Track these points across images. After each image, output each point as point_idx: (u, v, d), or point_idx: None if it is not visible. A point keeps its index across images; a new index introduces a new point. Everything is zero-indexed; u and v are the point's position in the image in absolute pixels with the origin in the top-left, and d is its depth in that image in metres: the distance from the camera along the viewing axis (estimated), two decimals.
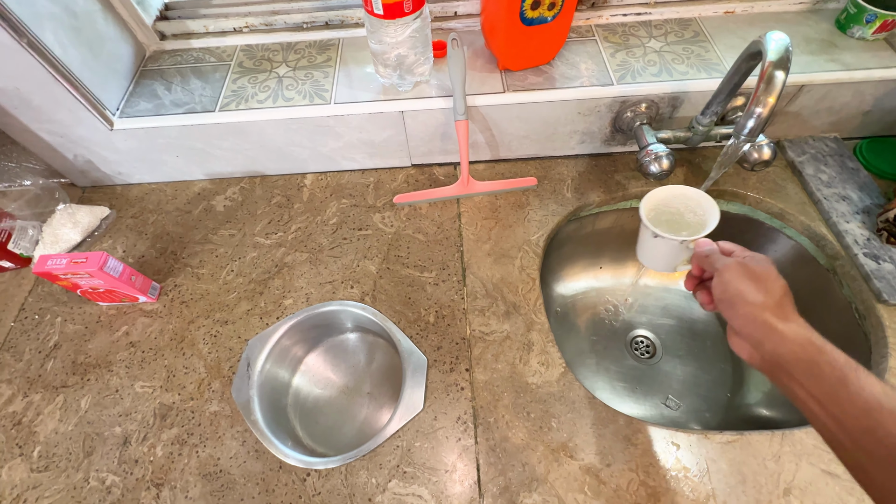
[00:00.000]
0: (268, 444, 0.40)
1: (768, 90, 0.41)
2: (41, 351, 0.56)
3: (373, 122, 0.61)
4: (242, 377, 0.44)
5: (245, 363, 0.45)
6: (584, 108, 0.60)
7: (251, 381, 0.44)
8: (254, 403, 0.43)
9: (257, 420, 0.42)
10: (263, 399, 0.45)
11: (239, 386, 0.44)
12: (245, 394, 0.43)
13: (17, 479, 0.47)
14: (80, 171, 0.68)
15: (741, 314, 0.33)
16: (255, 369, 0.45)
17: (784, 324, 0.31)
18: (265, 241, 0.63)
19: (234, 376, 0.43)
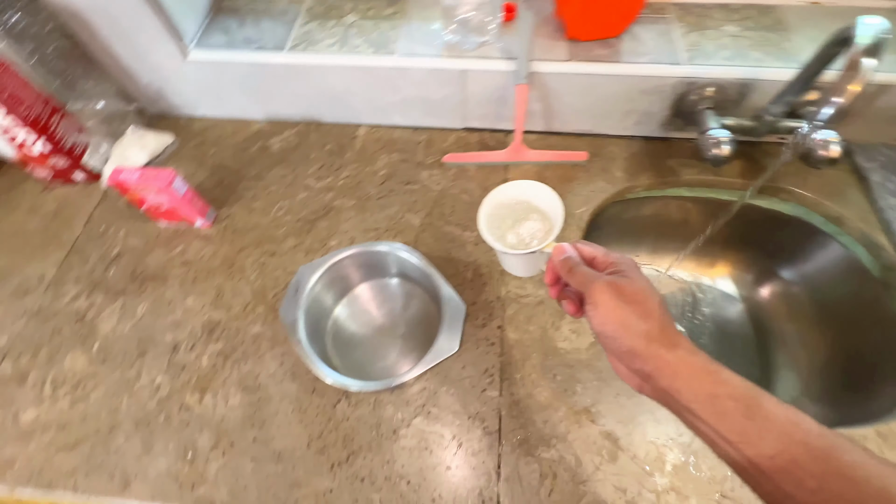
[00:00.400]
0: (309, 362, 0.43)
1: (853, 78, 0.40)
2: (105, 259, 0.60)
3: (433, 78, 0.62)
4: (290, 300, 0.47)
5: (294, 287, 0.47)
6: (647, 87, 0.59)
7: (298, 304, 0.47)
8: (299, 324, 0.45)
9: (301, 340, 0.44)
10: (307, 322, 0.47)
11: (287, 307, 0.46)
12: (292, 315, 0.46)
13: (78, 367, 0.52)
14: (150, 98, 0.71)
15: (625, 349, 0.29)
16: (303, 294, 0.47)
17: (673, 352, 0.28)
18: (315, 184, 0.66)
19: (283, 298, 0.46)
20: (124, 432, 0.48)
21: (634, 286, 0.30)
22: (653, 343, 0.28)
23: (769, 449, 0.24)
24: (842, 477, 0.23)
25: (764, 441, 0.25)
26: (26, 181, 0.67)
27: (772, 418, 0.25)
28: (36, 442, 0.48)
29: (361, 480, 0.45)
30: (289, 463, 0.46)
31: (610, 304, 0.30)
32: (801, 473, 0.24)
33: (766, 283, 0.74)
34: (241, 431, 0.48)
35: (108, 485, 0.45)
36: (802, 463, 0.24)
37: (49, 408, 0.50)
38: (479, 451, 0.46)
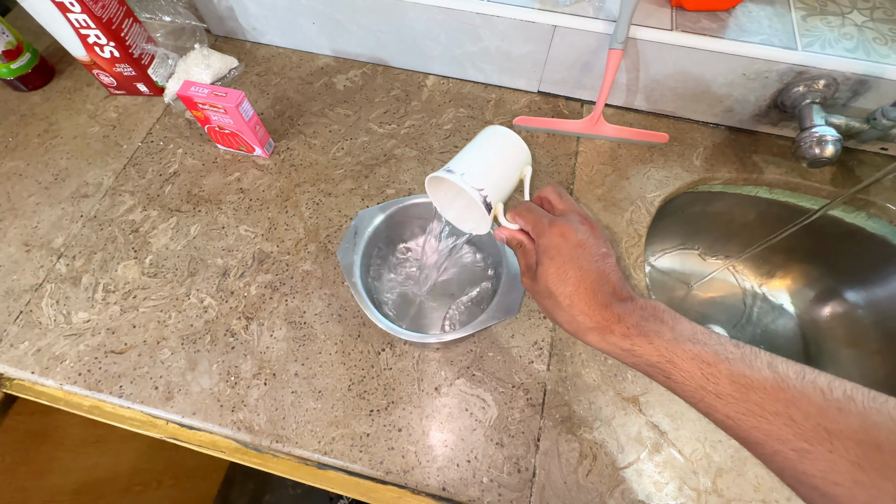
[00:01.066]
0: (362, 305, 0.41)
1: None
2: (161, 175, 0.59)
3: (520, 30, 0.57)
4: (349, 242, 0.45)
5: (353, 230, 0.46)
6: (752, 70, 0.54)
7: (357, 248, 0.45)
8: (355, 268, 0.44)
9: (357, 283, 0.43)
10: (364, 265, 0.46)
11: (344, 249, 0.45)
12: (349, 257, 0.45)
13: (129, 277, 0.52)
14: (218, 17, 0.69)
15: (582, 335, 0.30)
16: (363, 237, 0.45)
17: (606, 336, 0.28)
18: (378, 129, 0.63)
19: (342, 239, 0.44)
20: (170, 347, 0.48)
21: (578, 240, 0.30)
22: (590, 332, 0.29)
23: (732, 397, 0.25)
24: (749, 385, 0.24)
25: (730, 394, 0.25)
26: (91, 85, 0.66)
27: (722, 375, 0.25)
28: (86, 343, 0.48)
29: (399, 430, 0.45)
30: (328, 402, 0.46)
31: (551, 274, 0.30)
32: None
33: (827, 302, 0.70)
34: (284, 364, 0.48)
35: (151, 393, 0.46)
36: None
37: (100, 312, 0.50)
38: (520, 420, 0.45)
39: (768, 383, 0.24)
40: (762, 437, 0.24)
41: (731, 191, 0.63)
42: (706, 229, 0.71)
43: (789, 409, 0.23)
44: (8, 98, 0.65)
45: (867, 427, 0.21)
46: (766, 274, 0.74)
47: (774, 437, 0.23)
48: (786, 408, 0.23)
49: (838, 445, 0.22)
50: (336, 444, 0.44)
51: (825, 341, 0.69)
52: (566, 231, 0.30)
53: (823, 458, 0.22)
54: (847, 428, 0.22)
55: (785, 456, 0.23)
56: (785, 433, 0.23)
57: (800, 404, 0.23)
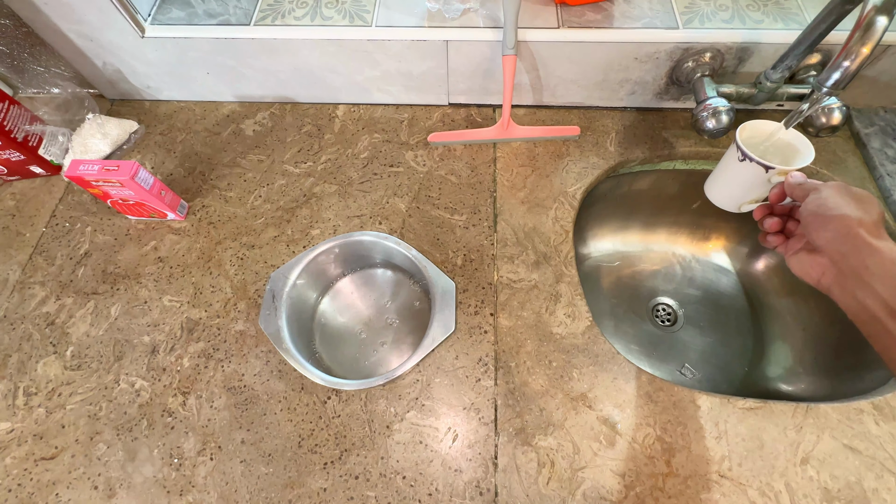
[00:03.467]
0: (299, 368, 0.40)
1: (864, 39, 0.37)
2: (72, 258, 0.56)
3: (414, 50, 0.57)
4: (269, 308, 0.44)
5: (270, 294, 0.45)
6: (642, 54, 0.56)
7: (278, 312, 0.44)
8: (283, 332, 0.43)
9: (290, 349, 0.42)
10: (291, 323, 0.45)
11: (266, 317, 0.44)
12: (273, 325, 0.44)
13: (51, 375, 0.49)
14: (108, 82, 0.66)
15: (833, 227, 0.32)
16: (281, 300, 0.44)
17: (878, 240, 0.31)
18: (294, 169, 0.62)
19: (261, 308, 0.43)
20: (105, 441, 0.46)
21: (860, 190, 0.34)
22: (862, 227, 0.31)
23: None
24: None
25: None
26: None
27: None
28: (13, 455, 0.46)
29: (356, 478, 0.44)
30: (280, 463, 0.44)
31: (833, 193, 0.34)
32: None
33: (760, 256, 0.72)
34: (229, 433, 0.46)
35: (91, 495, 0.44)
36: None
37: (24, 418, 0.47)
38: (475, 442, 0.45)
39: None
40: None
41: (650, 168, 0.65)
42: (637, 208, 0.73)
43: None
44: None
45: None
46: (701, 238, 0.76)
47: None
48: None
49: None
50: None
51: (765, 294, 0.71)
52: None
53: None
54: None
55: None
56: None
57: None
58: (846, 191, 0.34)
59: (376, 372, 0.54)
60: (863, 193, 0.34)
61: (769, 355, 0.67)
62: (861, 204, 0.33)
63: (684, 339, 0.72)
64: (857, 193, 0.34)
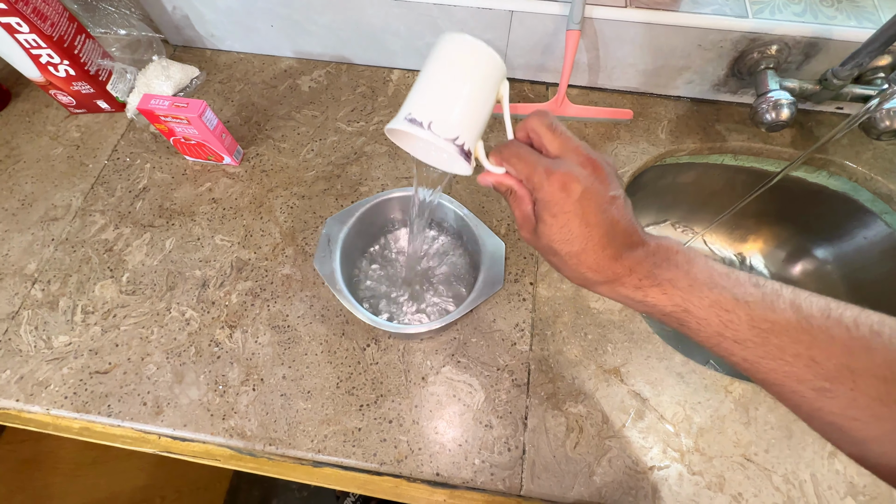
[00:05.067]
0: (354, 310, 0.42)
1: None
2: (131, 191, 0.59)
3: (478, 18, 0.58)
4: (324, 251, 0.45)
5: (325, 239, 0.46)
6: (707, 41, 0.56)
7: (333, 255, 0.46)
8: (337, 275, 0.44)
9: (342, 290, 0.43)
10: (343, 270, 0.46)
11: (321, 259, 0.45)
12: (329, 266, 0.45)
13: (108, 297, 0.52)
14: (175, 27, 0.68)
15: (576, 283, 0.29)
16: (337, 244, 0.46)
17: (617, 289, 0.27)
18: (347, 127, 0.63)
19: (316, 250, 0.44)
20: (155, 362, 0.48)
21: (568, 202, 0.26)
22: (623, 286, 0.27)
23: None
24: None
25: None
26: (50, 106, 0.65)
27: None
28: (70, 366, 0.48)
29: (390, 422, 0.45)
30: (318, 401, 0.46)
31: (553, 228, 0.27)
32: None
33: (798, 261, 0.72)
34: (271, 368, 0.48)
35: (140, 410, 0.46)
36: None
37: (81, 334, 0.50)
38: (507, 401, 0.46)
39: (791, 325, 0.23)
40: (781, 379, 0.23)
41: (697, 161, 0.65)
42: (678, 201, 0.73)
43: (811, 350, 0.22)
44: None
45: (892, 362, 0.21)
46: (739, 238, 0.76)
47: (794, 378, 0.23)
48: (808, 349, 0.22)
49: (861, 383, 0.21)
50: (329, 442, 0.45)
51: None
52: (567, 182, 0.25)
53: (844, 395, 0.21)
54: (871, 365, 0.21)
55: (802, 395, 0.23)
56: (805, 374, 0.22)
57: (822, 345, 0.22)
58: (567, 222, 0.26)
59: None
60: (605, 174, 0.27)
61: None
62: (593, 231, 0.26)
63: None
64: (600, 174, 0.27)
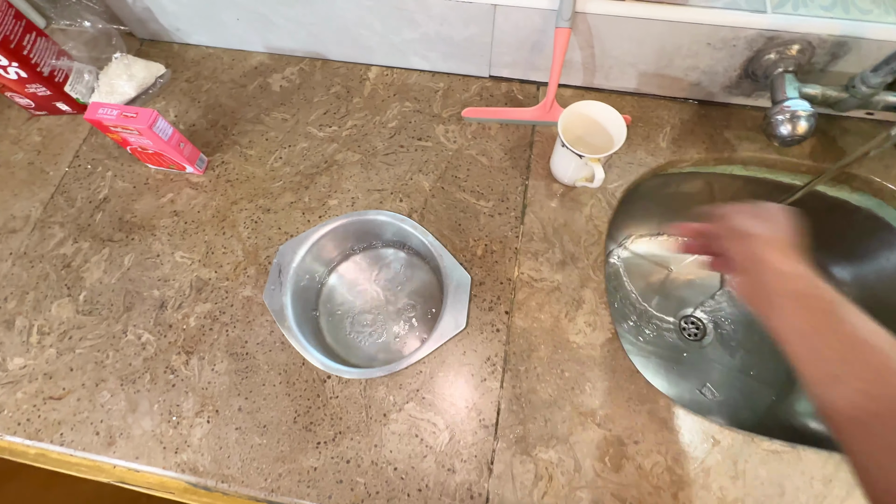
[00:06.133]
0: (304, 352, 0.39)
1: None
2: (91, 201, 0.56)
3: (458, 12, 0.52)
4: (274, 283, 0.42)
5: (276, 269, 0.43)
6: (717, 38, 0.49)
7: (283, 287, 0.42)
8: (287, 310, 0.41)
9: (291, 326, 0.40)
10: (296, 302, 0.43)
11: (271, 292, 0.42)
12: (278, 301, 0.41)
13: (64, 317, 0.50)
14: (138, 20, 0.63)
15: (742, 249, 0.33)
16: (287, 275, 0.42)
17: (784, 262, 0.31)
18: (318, 132, 0.59)
19: (266, 283, 0.41)
20: (109, 389, 0.47)
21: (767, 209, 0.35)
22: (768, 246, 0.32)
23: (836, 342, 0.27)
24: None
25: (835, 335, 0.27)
26: (10, 108, 0.62)
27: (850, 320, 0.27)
28: (24, 390, 0.47)
29: (347, 462, 0.43)
30: (274, 436, 0.44)
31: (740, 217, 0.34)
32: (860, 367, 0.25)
33: None
34: (227, 399, 0.46)
35: (93, 440, 0.45)
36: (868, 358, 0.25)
37: (36, 356, 0.48)
38: (472, 444, 0.43)
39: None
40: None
41: (703, 171, 0.59)
42: (681, 211, 0.67)
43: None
44: None
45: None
46: None
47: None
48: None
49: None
50: (283, 481, 0.42)
51: None
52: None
53: None
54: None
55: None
56: None
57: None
58: (752, 212, 0.34)
59: (380, 355, 0.53)
60: (773, 211, 0.34)
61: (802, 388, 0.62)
62: (770, 223, 0.33)
63: (710, 356, 0.67)
64: (767, 212, 0.34)
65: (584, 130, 0.50)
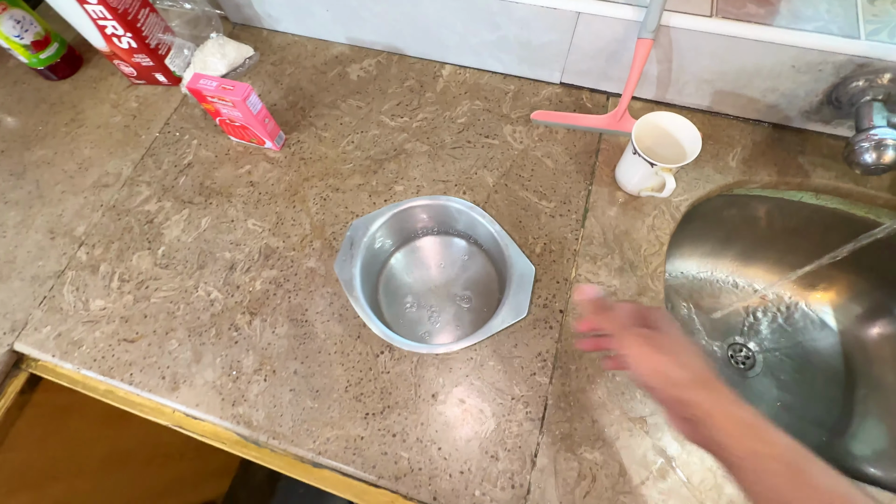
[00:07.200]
0: (368, 321, 0.40)
1: None
2: (177, 165, 0.60)
3: (540, 18, 0.53)
4: (346, 255, 0.44)
5: (349, 242, 0.44)
6: (803, 62, 0.48)
7: (354, 259, 0.44)
8: (356, 280, 0.43)
9: (359, 297, 0.42)
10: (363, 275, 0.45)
11: (342, 262, 0.44)
12: (348, 272, 0.43)
13: (143, 267, 0.54)
14: (235, 4, 0.68)
15: (665, 397, 0.30)
16: (359, 248, 0.44)
17: (712, 401, 0.28)
18: (390, 121, 0.61)
19: (338, 253, 0.42)
20: (178, 338, 0.50)
21: (668, 338, 0.31)
22: (689, 390, 0.29)
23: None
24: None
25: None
26: (114, 75, 0.68)
27: (819, 490, 0.24)
28: (102, 330, 0.50)
29: (393, 436, 0.44)
30: (325, 402, 0.46)
31: (644, 353, 0.30)
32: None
33: (876, 321, 0.63)
34: (284, 361, 0.48)
35: (159, 383, 0.48)
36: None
37: (115, 300, 0.52)
38: (517, 434, 0.44)
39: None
40: None
41: (770, 195, 0.58)
42: (741, 235, 0.66)
43: None
44: (40, 87, 0.68)
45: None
46: (806, 284, 0.68)
47: None
48: None
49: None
50: (330, 445, 0.44)
51: (871, 363, 0.62)
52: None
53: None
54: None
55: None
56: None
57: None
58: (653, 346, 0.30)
59: (429, 339, 0.54)
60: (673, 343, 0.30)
61: (858, 432, 0.59)
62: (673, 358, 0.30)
63: (758, 388, 0.65)
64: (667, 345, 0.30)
65: (653, 141, 0.51)
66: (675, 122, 0.49)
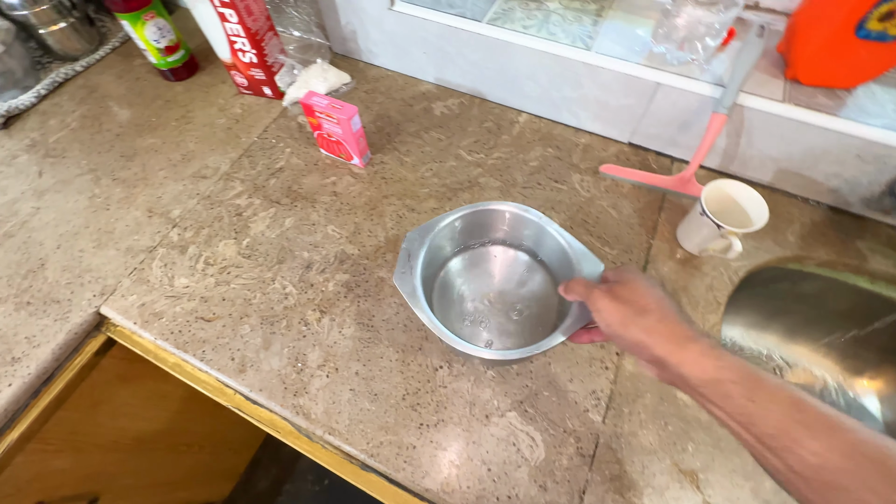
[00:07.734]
0: (434, 329, 0.41)
1: None
2: (269, 168, 0.66)
3: (622, 84, 0.59)
4: (404, 267, 0.45)
5: (405, 254, 0.46)
6: (869, 154, 0.52)
7: (414, 271, 0.45)
8: (418, 292, 0.44)
9: (424, 308, 0.43)
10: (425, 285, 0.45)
11: (401, 276, 0.44)
12: (409, 284, 0.44)
13: (227, 254, 0.58)
14: (341, 38, 0.76)
15: (632, 342, 0.32)
16: (417, 261, 0.45)
17: (675, 342, 0.30)
18: (467, 156, 0.66)
19: (396, 265, 0.43)
20: (251, 324, 0.53)
21: (629, 287, 0.34)
22: (653, 334, 0.31)
23: (770, 428, 0.26)
24: (843, 454, 0.24)
25: (766, 420, 0.26)
26: (225, 83, 0.76)
27: (774, 398, 0.27)
28: (182, 306, 0.54)
29: (445, 449, 0.45)
30: (382, 406, 0.47)
31: (609, 307, 0.33)
32: (802, 451, 0.25)
33: None
34: (347, 361, 0.50)
35: (227, 363, 0.50)
36: (802, 440, 0.25)
37: (199, 280, 0.56)
38: (567, 468, 0.44)
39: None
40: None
41: (824, 273, 0.59)
42: (790, 309, 0.67)
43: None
44: (158, 85, 0.76)
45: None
46: (853, 370, 0.68)
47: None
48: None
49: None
50: (383, 449, 0.45)
51: None
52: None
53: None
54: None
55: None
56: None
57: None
58: (616, 298, 0.33)
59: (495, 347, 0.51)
60: (634, 290, 0.33)
61: None
62: (635, 305, 0.32)
63: None
64: (628, 294, 0.33)
65: (718, 206, 0.54)
66: (743, 191, 0.52)
